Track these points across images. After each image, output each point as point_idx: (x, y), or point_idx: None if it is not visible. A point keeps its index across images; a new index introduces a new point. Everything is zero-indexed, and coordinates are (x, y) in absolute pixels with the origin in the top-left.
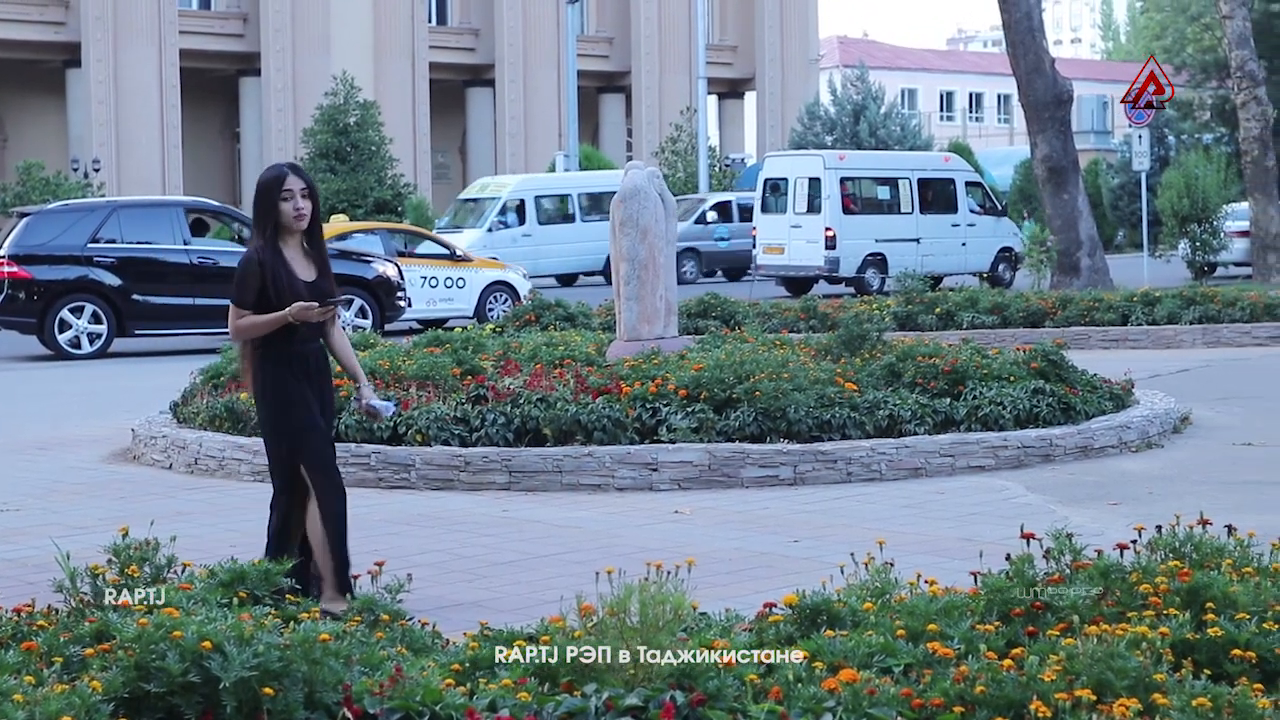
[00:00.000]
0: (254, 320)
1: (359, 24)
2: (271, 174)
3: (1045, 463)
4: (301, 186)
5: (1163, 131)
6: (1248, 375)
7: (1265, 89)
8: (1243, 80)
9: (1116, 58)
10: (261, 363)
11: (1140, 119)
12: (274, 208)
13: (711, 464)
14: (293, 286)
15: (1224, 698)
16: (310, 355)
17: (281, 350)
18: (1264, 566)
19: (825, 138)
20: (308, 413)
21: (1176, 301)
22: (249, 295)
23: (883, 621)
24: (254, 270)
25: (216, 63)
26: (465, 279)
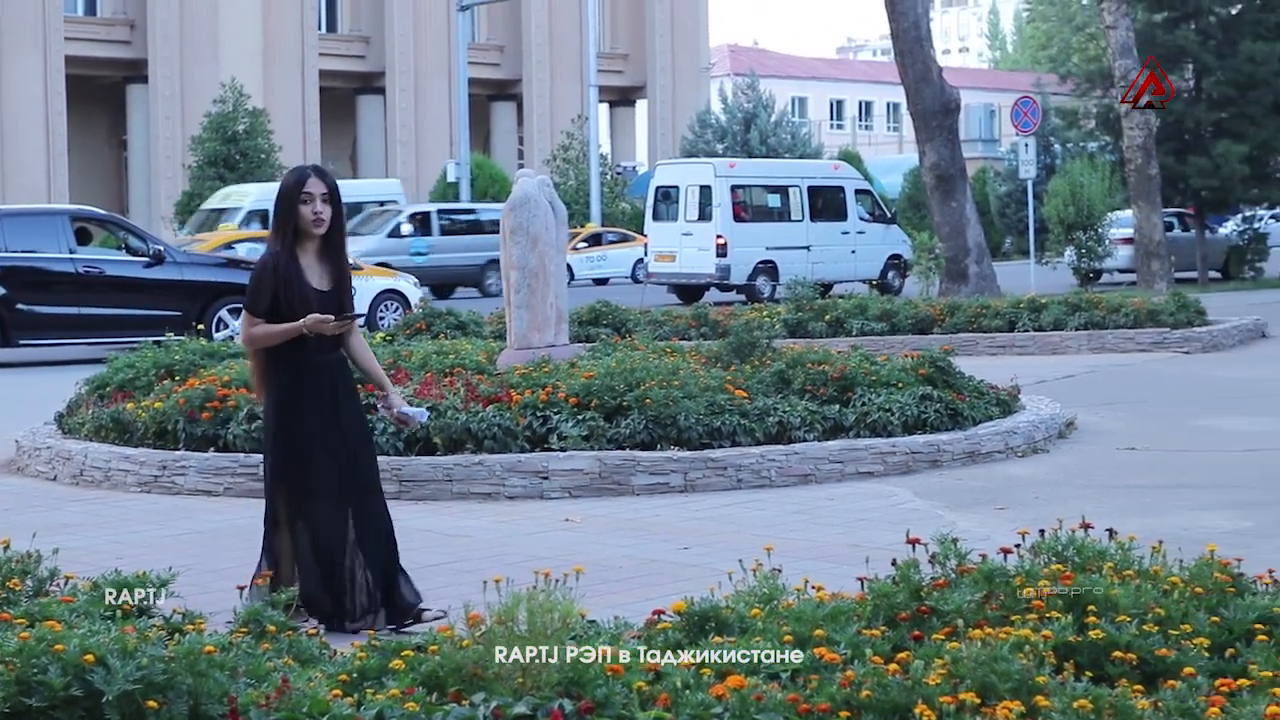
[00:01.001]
0: (267, 330)
1: (248, 31)
2: (293, 176)
3: (933, 468)
4: (323, 191)
5: (1049, 140)
6: (1132, 381)
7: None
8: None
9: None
10: (272, 373)
11: (1026, 128)
12: (293, 211)
13: (602, 472)
14: (304, 295)
15: (1105, 699)
16: (328, 367)
17: (294, 361)
18: (1145, 569)
19: (716, 146)
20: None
21: (1062, 308)
22: (262, 302)
23: (771, 627)
24: (267, 277)
25: (103, 70)
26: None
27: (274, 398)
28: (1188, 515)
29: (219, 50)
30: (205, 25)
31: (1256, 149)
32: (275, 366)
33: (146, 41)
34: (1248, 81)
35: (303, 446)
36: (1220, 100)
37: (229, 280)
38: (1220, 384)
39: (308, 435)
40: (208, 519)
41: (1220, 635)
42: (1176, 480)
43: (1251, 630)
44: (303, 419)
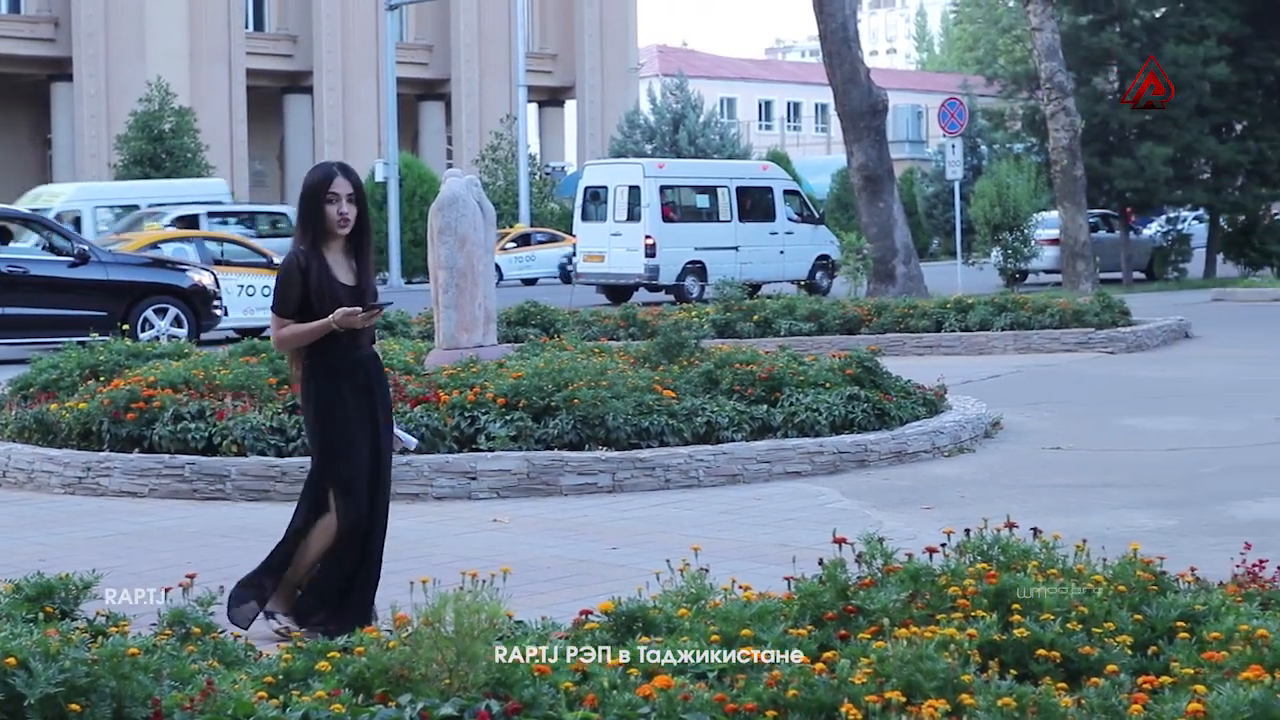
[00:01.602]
0: (296, 330)
1: (174, 29)
2: (319, 175)
3: (860, 468)
4: (349, 190)
5: (975, 141)
6: (1057, 380)
7: (1074, 100)
8: (1052, 91)
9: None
10: (311, 374)
11: (953, 129)
12: (319, 211)
13: (530, 472)
14: (333, 292)
15: (1029, 697)
16: (364, 364)
17: (331, 360)
18: (1068, 568)
19: (645, 146)
20: (352, 432)
21: (989, 308)
22: (290, 303)
23: (698, 627)
24: (295, 277)
25: (27, 68)
26: None
27: (315, 397)
28: (1112, 514)
29: (145, 48)
30: (131, 23)
31: (1180, 151)
32: (314, 366)
33: (71, 39)
34: (1171, 84)
35: (351, 442)
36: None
37: (155, 280)
38: (1144, 384)
39: (352, 432)
40: (133, 521)
41: (1143, 633)
42: (1101, 479)
43: (1173, 628)
44: (347, 416)
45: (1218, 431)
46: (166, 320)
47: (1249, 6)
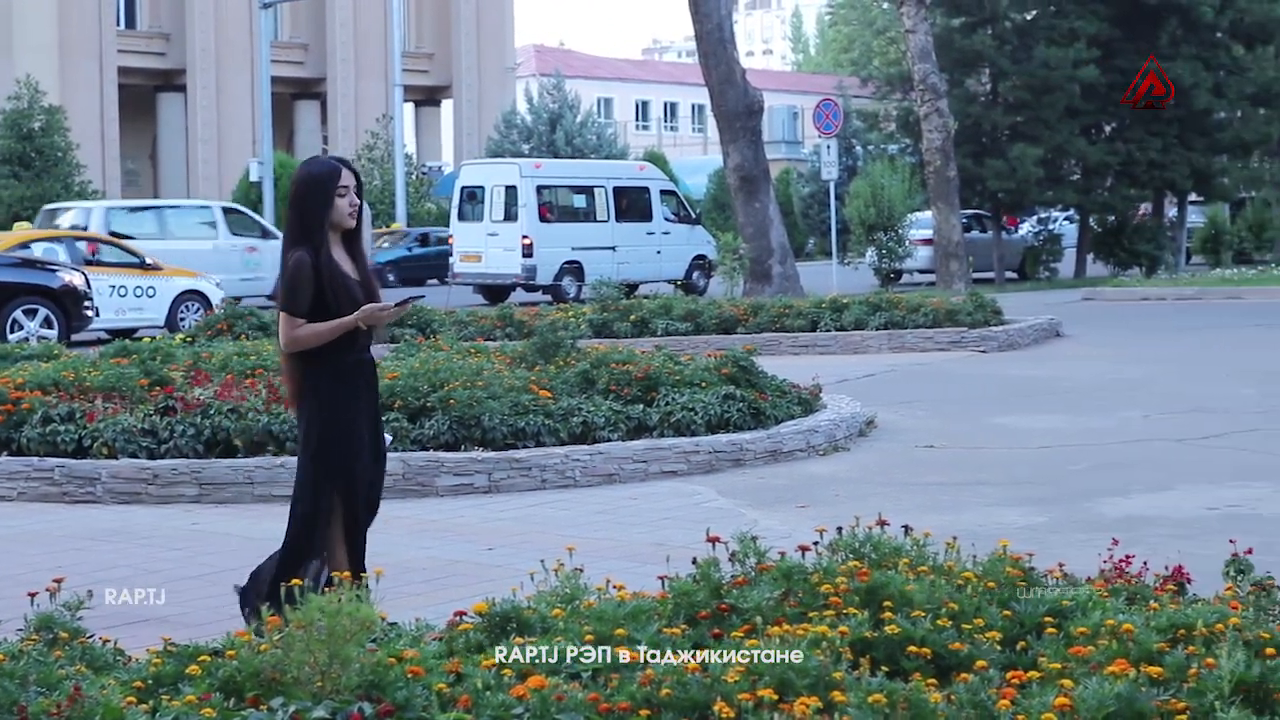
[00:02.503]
0: (315, 329)
1: (43, 25)
2: (325, 168)
3: (736, 467)
4: (354, 183)
5: (850, 142)
6: (930, 379)
7: (947, 101)
8: (925, 93)
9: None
10: (316, 376)
11: (828, 130)
12: (329, 204)
13: (406, 473)
14: (350, 290)
15: (899, 693)
16: (366, 365)
17: (340, 361)
18: (939, 565)
19: (522, 146)
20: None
21: (864, 308)
22: (304, 302)
23: (572, 627)
24: (309, 275)
25: None
26: (156, 288)
27: (322, 400)
28: (983, 511)
29: (12, 45)
30: None
31: (1051, 152)
32: (320, 367)
33: None
34: (1042, 86)
35: (355, 448)
36: (1016, 104)
37: (23, 281)
38: (1016, 382)
39: (357, 436)
40: (1, 524)
41: (1012, 628)
42: (973, 477)
43: (1042, 623)
44: (352, 420)
45: (1087, 429)
46: (36, 321)
47: (1117, 10)
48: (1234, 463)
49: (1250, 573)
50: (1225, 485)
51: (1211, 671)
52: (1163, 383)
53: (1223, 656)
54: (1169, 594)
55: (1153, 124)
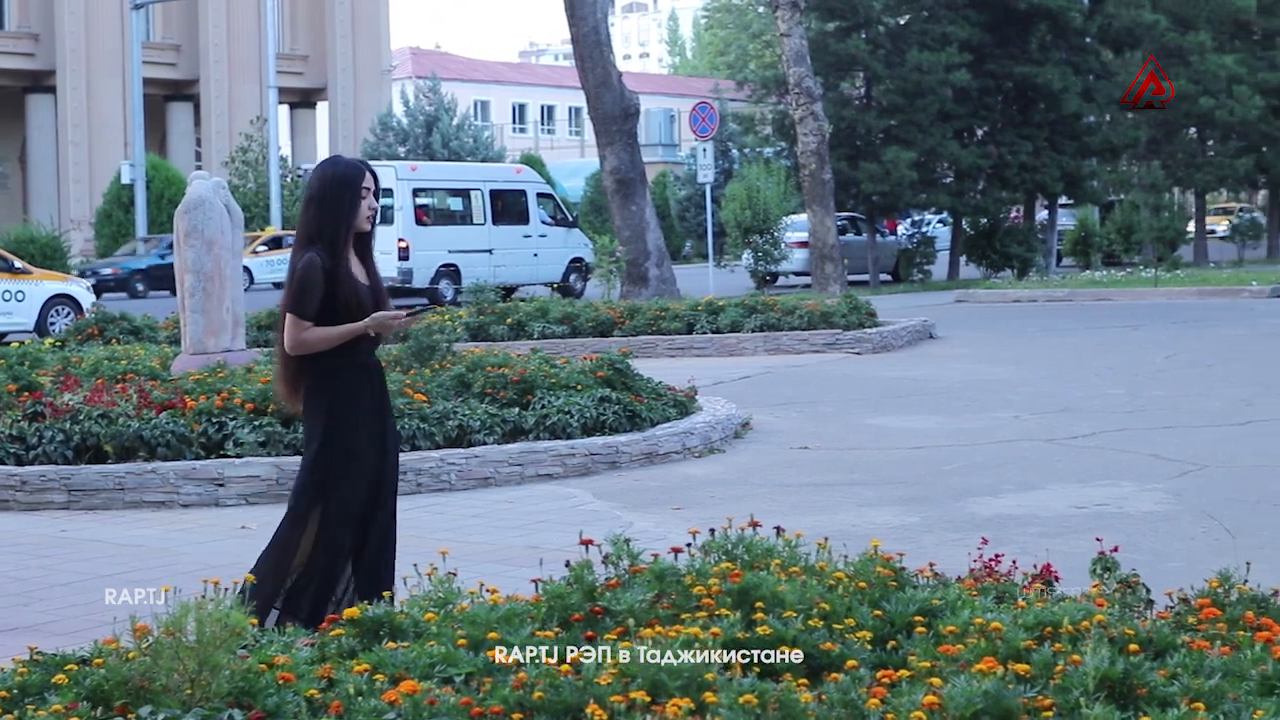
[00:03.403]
0: (325, 333)
1: None
2: (350, 169)
3: (612, 469)
4: (374, 185)
5: (727, 145)
6: (805, 381)
7: (821, 105)
8: (800, 96)
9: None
10: (319, 381)
11: (704, 133)
12: (354, 207)
13: (280, 478)
14: (359, 295)
15: (770, 694)
16: (375, 371)
17: (347, 366)
18: (811, 565)
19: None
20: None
21: (739, 310)
22: (313, 305)
23: (445, 631)
24: (319, 277)
25: None
26: (25, 292)
27: (327, 406)
28: (856, 512)
29: None
30: None
31: (924, 155)
32: (326, 373)
33: None
34: (915, 90)
35: (355, 454)
36: (890, 108)
37: None
38: (889, 384)
39: (360, 442)
40: None
41: (882, 628)
42: (847, 478)
43: (912, 622)
44: (357, 426)
45: (959, 430)
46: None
47: (988, 15)
48: (1102, 462)
49: (1116, 570)
50: (1094, 484)
51: (1077, 668)
52: (1033, 383)
53: (1088, 653)
54: (1037, 592)
55: (1024, 128)
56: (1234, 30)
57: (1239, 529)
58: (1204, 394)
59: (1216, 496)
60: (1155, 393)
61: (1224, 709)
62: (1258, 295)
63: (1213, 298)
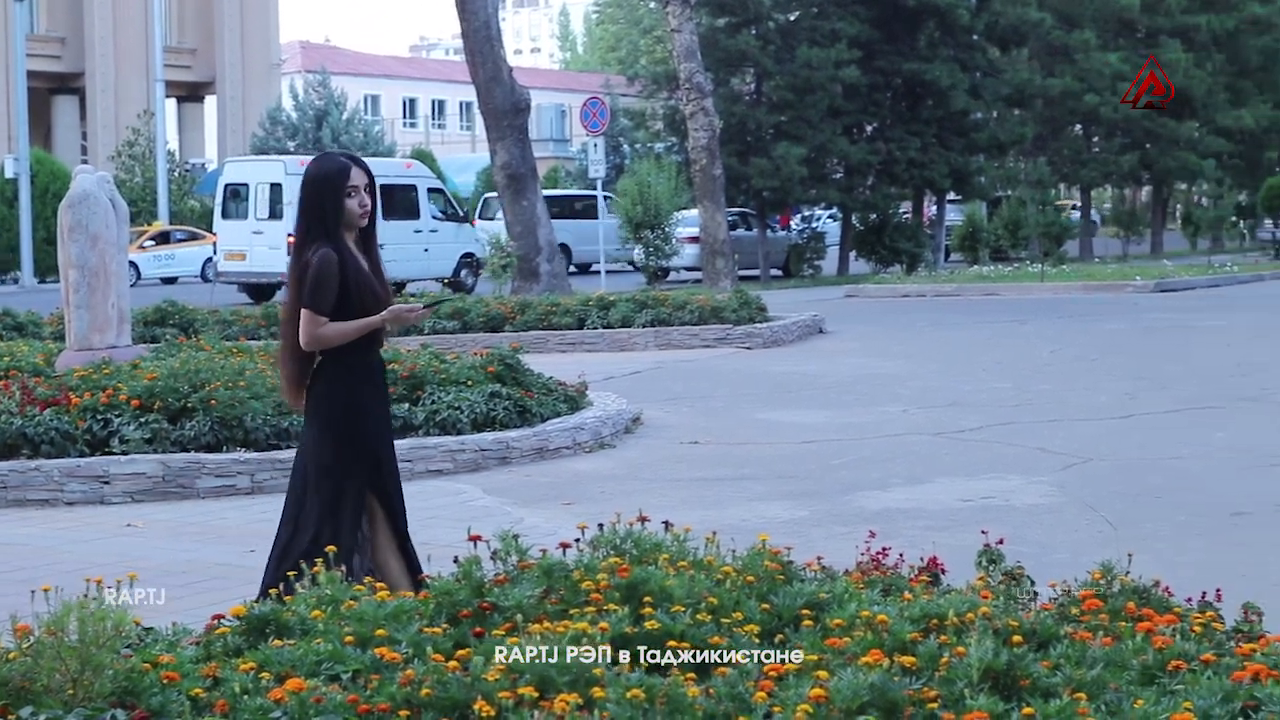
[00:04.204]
0: (341, 328)
1: None
2: (334, 166)
3: (503, 465)
4: (365, 180)
5: (618, 140)
6: (696, 376)
7: (712, 101)
8: (691, 92)
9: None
10: (335, 376)
11: (595, 128)
12: (339, 205)
13: (166, 475)
14: (372, 289)
15: (658, 688)
16: (381, 366)
17: (360, 360)
18: (699, 560)
19: (288, 143)
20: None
21: (630, 305)
22: (329, 300)
23: (332, 629)
24: (334, 273)
25: None
26: None
27: (336, 402)
28: (746, 506)
29: None
30: None
31: (814, 151)
32: (341, 367)
33: None
34: (805, 86)
35: (372, 446)
36: (780, 104)
37: None
38: (780, 378)
39: (375, 434)
40: None
41: (770, 622)
42: (737, 473)
43: (799, 616)
44: (369, 419)
45: (849, 424)
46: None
47: (877, 12)
48: (989, 456)
49: (1001, 562)
50: (980, 478)
51: (961, 660)
52: (922, 378)
53: (972, 645)
54: (923, 585)
55: (912, 124)
56: (1118, 28)
57: (1121, 521)
58: (1089, 388)
59: (1100, 489)
60: (1041, 387)
61: (1105, 699)
62: (1141, 290)
63: (1098, 292)
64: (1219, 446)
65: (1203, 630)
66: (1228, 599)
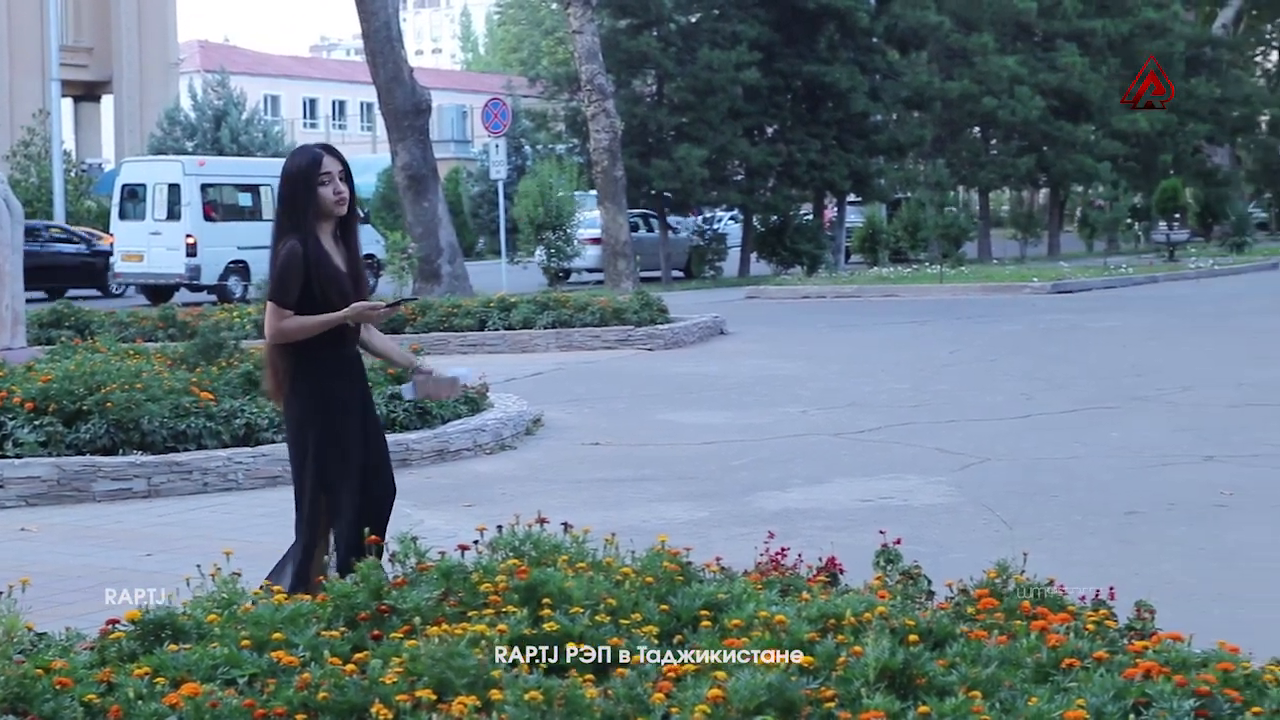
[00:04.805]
0: (303, 322)
1: None
2: (306, 157)
3: (403, 467)
4: (339, 169)
5: (519, 141)
6: (597, 377)
7: (613, 102)
8: (593, 94)
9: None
10: (304, 371)
11: (497, 129)
12: (313, 194)
13: (61, 479)
14: (339, 283)
15: (556, 690)
16: (355, 360)
17: (328, 356)
18: (598, 561)
19: (186, 143)
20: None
21: (532, 307)
22: (293, 293)
23: (229, 633)
24: (299, 265)
25: None
26: None
27: (309, 398)
28: (647, 507)
29: None
30: None
31: (715, 153)
32: (311, 363)
33: None
34: (706, 88)
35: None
36: (681, 105)
37: None
38: (681, 379)
39: (349, 431)
40: None
41: (669, 623)
42: (638, 474)
43: (698, 616)
44: (343, 415)
45: (749, 425)
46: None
47: (778, 14)
48: (888, 456)
49: (899, 562)
50: (879, 478)
51: (858, 659)
52: (822, 379)
53: (869, 644)
54: (821, 585)
55: (813, 126)
56: (1016, 32)
57: (1017, 520)
58: (987, 389)
59: (997, 488)
60: (940, 387)
61: (1000, 697)
62: (1039, 291)
63: (996, 294)
64: (1114, 446)
65: (1096, 628)
66: (1121, 597)
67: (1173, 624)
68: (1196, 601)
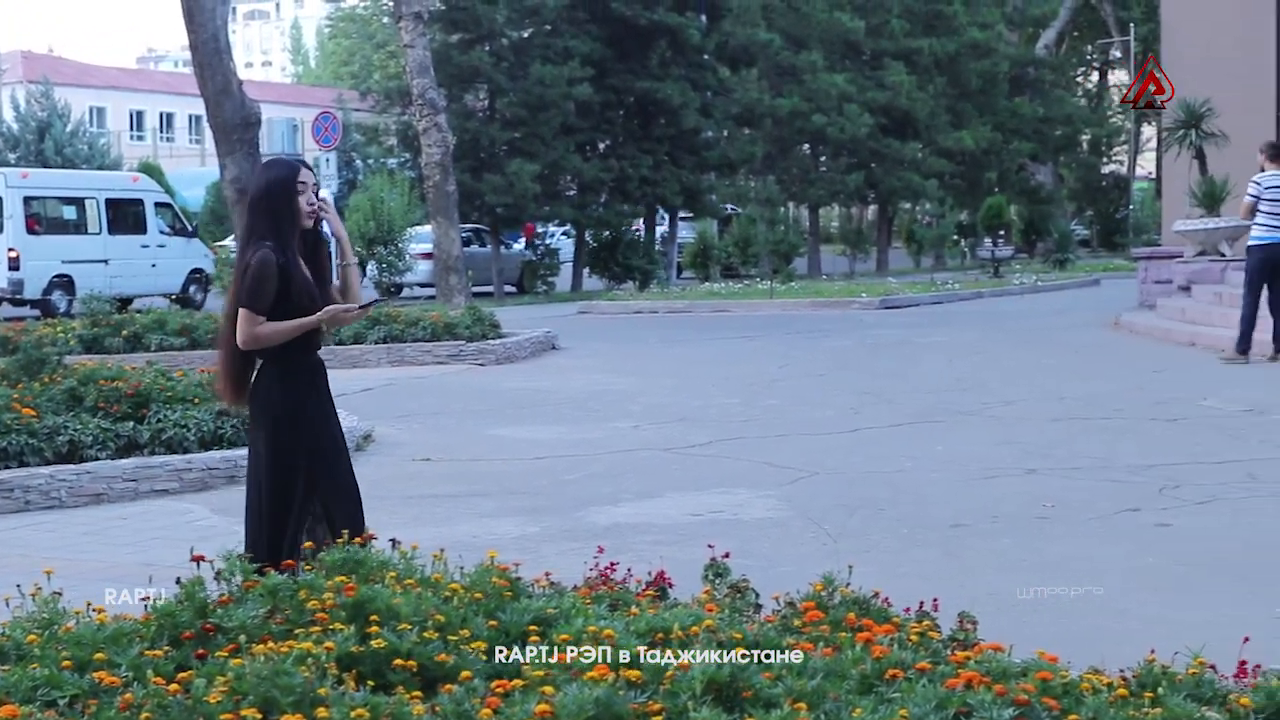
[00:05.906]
0: (278, 327)
1: None
2: (285, 169)
3: (231, 484)
4: (312, 180)
5: (351, 155)
6: (428, 393)
7: (445, 117)
8: (424, 108)
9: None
10: (272, 376)
11: (327, 143)
12: (292, 203)
13: None
14: (309, 290)
15: (383, 707)
16: (320, 366)
17: (297, 361)
18: (426, 577)
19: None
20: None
21: (362, 322)
22: (266, 299)
23: (49, 653)
24: (272, 273)
25: None
26: None
27: (277, 404)
28: (477, 523)
29: None
30: None
31: (547, 168)
32: (280, 368)
33: None
34: (538, 103)
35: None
36: (513, 120)
37: None
38: (513, 395)
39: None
40: None
41: (498, 638)
42: (468, 489)
43: (527, 632)
44: (310, 418)
45: (581, 440)
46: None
47: (610, 31)
48: (718, 470)
49: (727, 575)
50: (709, 492)
51: (685, 673)
52: (653, 394)
53: (696, 657)
54: (650, 599)
55: (645, 142)
56: (844, 51)
57: (845, 533)
58: (816, 403)
59: (826, 502)
60: (770, 402)
61: (825, 708)
62: (867, 307)
63: (826, 309)
64: (940, 460)
65: (919, 639)
66: (944, 608)
67: (995, 634)
68: (1018, 611)
